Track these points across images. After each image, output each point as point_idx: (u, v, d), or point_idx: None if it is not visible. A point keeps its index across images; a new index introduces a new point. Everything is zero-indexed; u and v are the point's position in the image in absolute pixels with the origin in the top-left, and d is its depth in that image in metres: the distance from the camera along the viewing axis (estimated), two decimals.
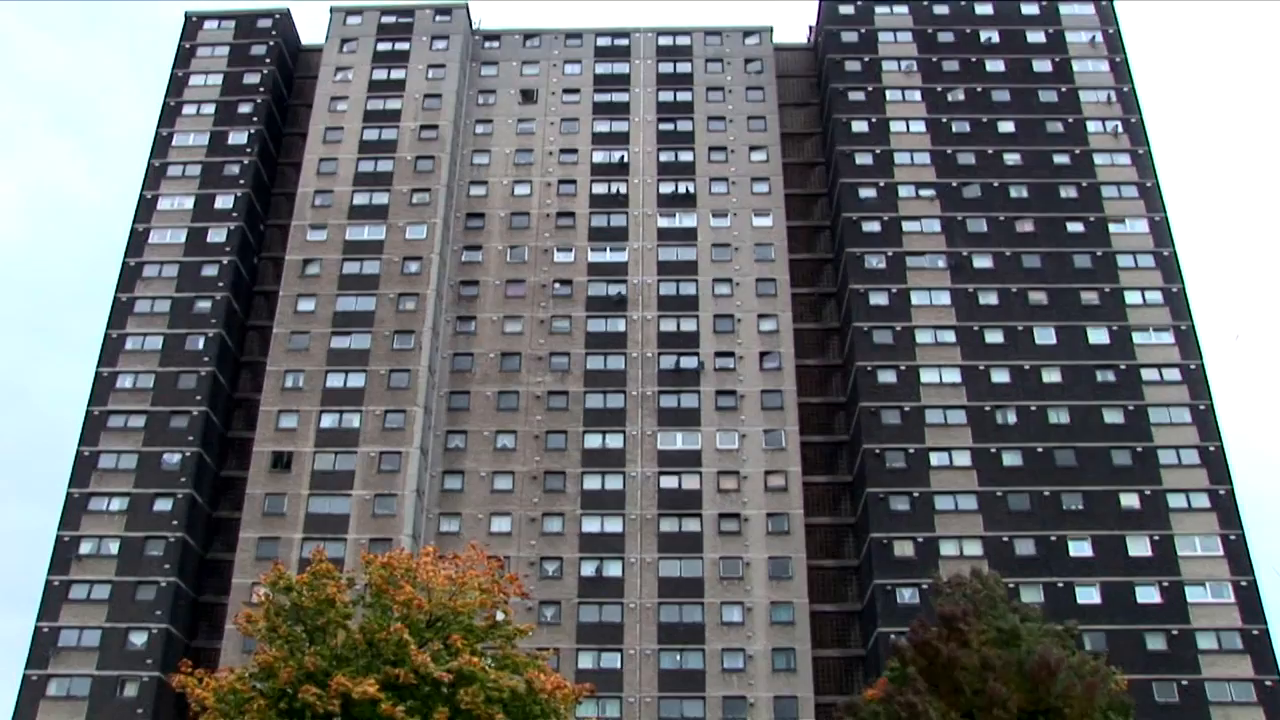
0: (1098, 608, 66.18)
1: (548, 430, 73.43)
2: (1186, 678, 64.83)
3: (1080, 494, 69.36)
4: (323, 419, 72.21)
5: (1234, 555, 67.83)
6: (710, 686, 66.40)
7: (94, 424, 73.45)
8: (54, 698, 66.27)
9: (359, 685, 32.73)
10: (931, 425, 71.31)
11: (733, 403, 73.91)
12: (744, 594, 68.64)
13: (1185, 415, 71.81)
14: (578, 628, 67.81)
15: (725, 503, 71.15)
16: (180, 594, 69.16)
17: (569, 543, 70.13)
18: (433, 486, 72.07)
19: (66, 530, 70.42)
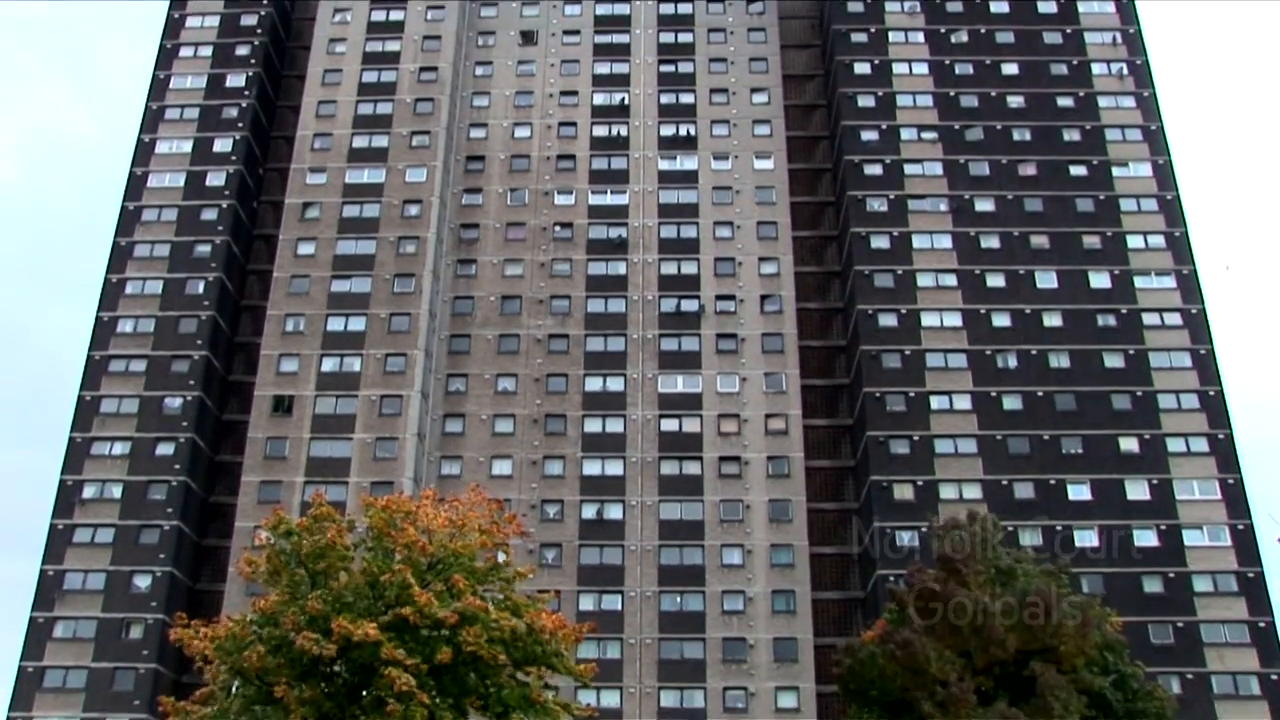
0: (1095, 551, 66.52)
1: (548, 373, 73.50)
2: (1182, 620, 65.36)
3: (1080, 438, 69.51)
4: (323, 362, 72.22)
5: (1232, 499, 68.11)
6: (710, 628, 66.91)
7: (95, 368, 73.52)
8: (60, 640, 66.91)
9: (360, 628, 32.86)
10: (932, 369, 71.34)
11: (733, 346, 73.91)
12: (744, 536, 69.00)
13: (1185, 360, 71.82)
14: (578, 570, 68.21)
15: (725, 446, 71.32)
16: (183, 537, 69.56)
17: (570, 485, 70.42)
18: (433, 430, 72.24)
19: (69, 474, 70.70)
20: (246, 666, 34.18)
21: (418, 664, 33.01)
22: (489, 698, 35.54)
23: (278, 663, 34.12)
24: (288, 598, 35.22)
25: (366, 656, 33.50)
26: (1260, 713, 63.42)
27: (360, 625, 32.99)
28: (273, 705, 34.49)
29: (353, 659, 34.02)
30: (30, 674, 66.25)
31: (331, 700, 34.54)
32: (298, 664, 34.23)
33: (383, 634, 33.14)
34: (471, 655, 34.17)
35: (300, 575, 36.10)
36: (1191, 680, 63.66)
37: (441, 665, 33.74)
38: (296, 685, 34.40)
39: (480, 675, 35.11)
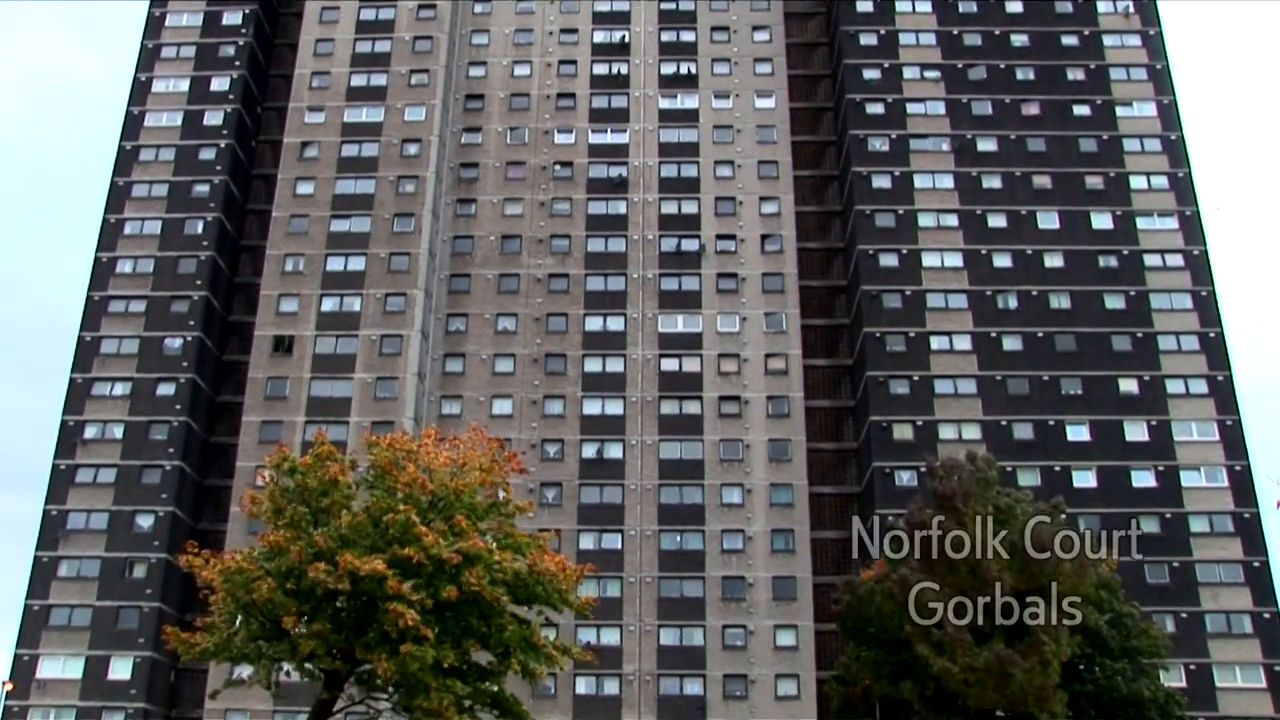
0: (1093, 491, 66.88)
1: (548, 313, 73.46)
2: (1178, 560, 65.79)
3: (1079, 379, 69.62)
4: (323, 302, 72.15)
5: (1230, 441, 68.35)
6: (710, 567, 67.38)
7: (95, 309, 73.46)
8: (64, 578, 67.43)
9: (367, 563, 33.06)
10: (932, 309, 71.29)
11: (734, 285, 73.80)
12: (744, 476, 69.30)
13: (1186, 301, 71.74)
14: (579, 509, 68.57)
15: (725, 385, 71.47)
16: (185, 477, 69.85)
17: (570, 425, 70.60)
18: (434, 369, 72.32)
19: (71, 415, 70.88)
20: (255, 600, 34.42)
21: (423, 599, 33.22)
22: (490, 638, 35.80)
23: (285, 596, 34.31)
24: (292, 534, 35.36)
25: (372, 591, 33.70)
26: (1252, 650, 64.14)
27: (367, 561, 33.18)
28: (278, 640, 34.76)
29: (359, 593, 34.24)
30: (36, 612, 66.85)
31: (338, 634, 34.83)
32: (307, 597, 34.46)
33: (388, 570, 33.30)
34: (474, 595, 34.36)
35: (303, 513, 36.23)
36: (1185, 619, 64.25)
37: (445, 603, 33.94)
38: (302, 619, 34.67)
39: (482, 616, 35.36)
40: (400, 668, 33.36)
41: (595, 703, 64.75)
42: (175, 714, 67.15)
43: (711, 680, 65.17)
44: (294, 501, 36.41)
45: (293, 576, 34.19)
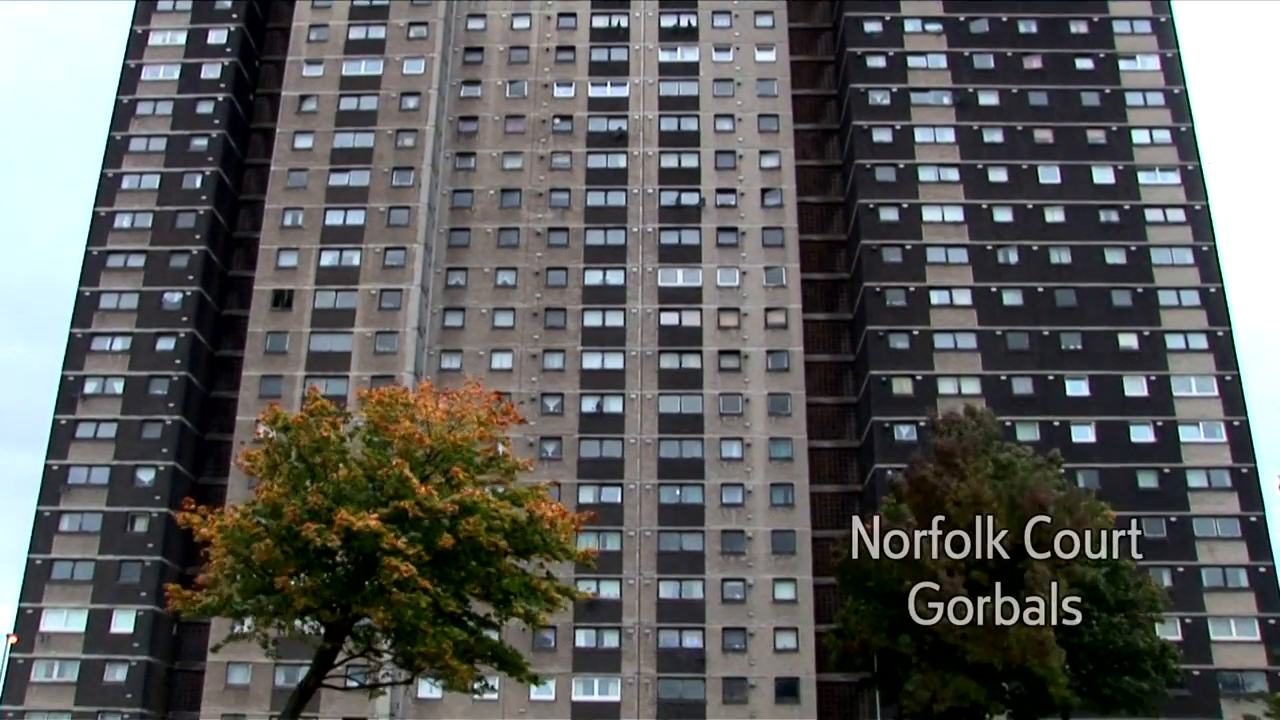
0: (1092, 446, 67.05)
1: (548, 267, 73.33)
2: (1175, 514, 66.05)
3: (1079, 334, 69.59)
4: (323, 257, 72.01)
5: (1229, 396, 68.44)
6: (709, 520, 67.65)
7: (93, 264, 73.35)
8: (66, 533, 67.76)
9: (361, 520, 33.05)
10: (933, 264, 71.16)
11: (734, 239, 73.64)
12: (743, 430, 69.43)
13: (1188, 256, 71.59)
14: (578, 463, 68.77)
15: (725, 339, 71.46)
16: (185, 432, 70.00)
17: (570, 379, 70.66)
18: (433, 323, 72.29)
19: (71, 370, 70.95)
20: (253, 558, 34.47)
21: (419, 552, 33.29)
22: (489, 585, 35.90)
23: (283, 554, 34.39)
24: (288, 490, 35.36)
25: (368, 547, 33.76)
26: (1248, 604, 64.56)
27: (361, 517, 33.16)
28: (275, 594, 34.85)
29: (355, 549, 34.31)
30: (38, 566, 67.20)
31: (332, 589, 34.91)
32: (302, 555, 34.53)
33: (383, 526, 33.30)
34: (471, 543, 34.39)
35: (299, 469, 36.20)
36: (1182, 573, 64.61)
37: (442, 553, 34.00)
38: (297, 576, 34.75)
39: (481, 563, 35.42)
40: (395, 616, 33.43)
41: (595, 655, 65.21)
42: (178, 666, 67.67)
43: (710, 633, 65.62)
44: (289, 458, 36.36)
45: (288, 535, 34.18)
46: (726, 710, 64.27)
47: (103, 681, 65.01)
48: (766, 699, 64.40)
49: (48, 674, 65.48)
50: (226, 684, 63.72)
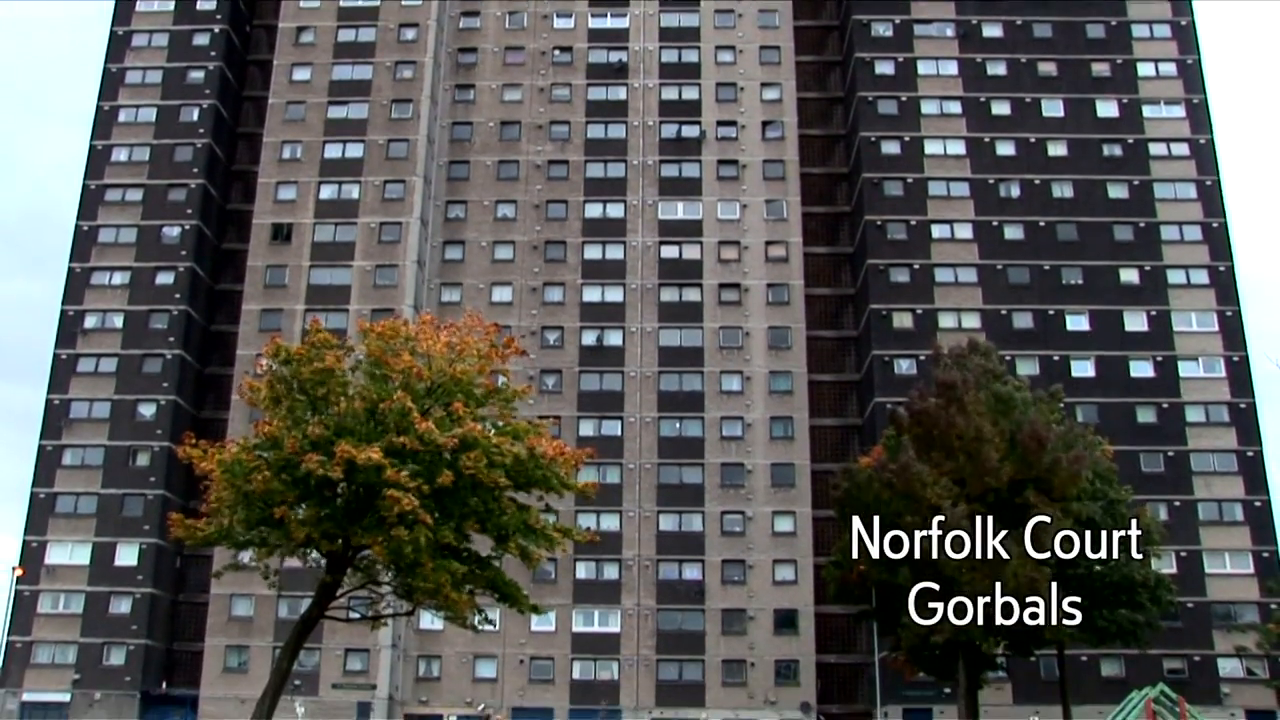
0: (1091, 381, 67.16)
1: (548, 199, 73.00)
2: (1173, 449, 66.30)
3: (1080, 269, 69.43)
4: (321, 190, 71.65)
5: (1229, 331, 68.45)
6: (709, 453, 67.92)
7: (91, 198, 73.01)
8: (69, 467, 68.07)
9: (363, 452, 33.06)
10: (934, 197, 70.83)
11: (734, 172, 73.24)
12: (743, 363, 69.49)
13: (1191, 191, 71.24)
14: (578, 396, 68.90)
15: (726, 273, 71.31)
16: (185, 366, 70.07)
17: (570, 312, 70.59)
18: (433, 257, 72.09)
19: (70, 305, 70.87)
20: (252, 490, 34.55)
21: (419, 486, 33.37)
22: (488, 520, 36.05)
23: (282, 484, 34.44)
24: (290, 423, 35.38)
25: (370, 479, 33.82)
26: (1242, 538, 65.05)
27: (363, 449, 33.19)
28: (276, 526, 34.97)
29: (356, 481, 34.39)
30: (42, 500, 67.56)
31: (332, 520, 35.04)
32: (302, 486, 34.61)
33: (385, 459, 33.33)
34: (472, 479, 34.48)
35: (301, 401, 36.19)
36: (1179, 507, 64.97)
37: (442, 488, 34.10)
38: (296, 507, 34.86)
39: (481, 498, 35.55)
40: (394, 549, 33.58)
41: (595, 587, 65.77)
42: (182, 599, 68.27)
43: (710, 565, 66.13)
44: (292, 390, 36.36)
45: (289, 467, 34.18)
46: (725, 642, 64.94)
47: (108, 613, 65.63)
48: (765, 630, 65.04)
49: (54, 606, 66.08)
50: (230, 615, 64.34)
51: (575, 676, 64.68)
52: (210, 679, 63.75)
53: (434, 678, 65.06)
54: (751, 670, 64.49)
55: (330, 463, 33.15)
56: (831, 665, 65.97)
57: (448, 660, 64.98)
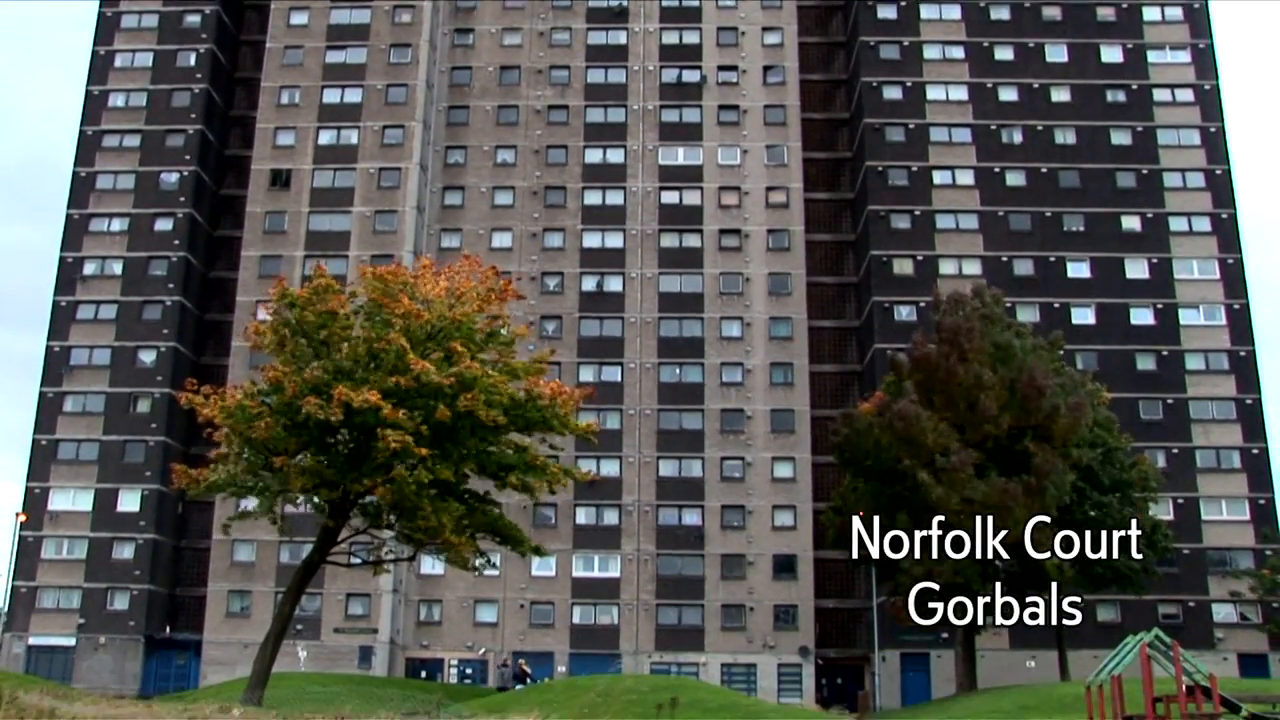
0: (1092, 328, 67.17)
1: (548, 145, 72.61)
2: (1172, 396, 66.44)
3: (1082, 215, 69.23)
4: (320, 135, 71.24)
5: (1230, 279, 68.38)
6: (709, 399, 68.06)
7: (88, 144, 72.62)
8: (70, 414, 68.21)
9: (360, 394, 33.07)
10: (935, 143, 70.47)
11: (735, 117, 72.80)
12: (743, 309, 69.46)
13: (1195, 137, 70.88)
14: (578, 342, 68.90)
15: (726, 218, 71.10)
16: (185, 312, 70.03)
17: (570, 258, 70.47)
18: (433, 202, 71.86)
19: (69, 251, 70.71)
20: (255, 437, 34.62)
21: (417, 425, 33.41)
22: (487, 459, 36.14)
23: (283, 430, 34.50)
24: (292, 367, 35.36)
25: (368, 422, 33.86)
26: (1240, 485, 65.34)
27: (360, 392, 33.17)
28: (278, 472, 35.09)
29: (355, 424, 34.42)
30: (44, 447, 67.77)
31: (331, 468, 35.12)
32: (303, 431, 34.65)
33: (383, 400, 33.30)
34: (470, 418, 34.48)
35: (303, 345, 36.19)
36: (1176, 454, 65.20)
37: (440, 427, 34.13)
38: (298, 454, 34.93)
39: (479, 438, 35.62)
40: (395, 491, 33.66)
41: (594, 532, 66.15)
42: (185, 544, 68.65)
43: (709, 511, 66.45)
44: (295, 334, 36.35)
45: (289, 411, 34.20)
46: (725, 586, 65.38)
47: (111, 559, 66.06)
48: (764, 575, 65.47)
49: (57, 552, 66.49)
50: (232, 561, 64.74)
51: (575, 621, 65.21)
52: (213, 623, 64.27)
53: (435, 622, 65.60)
54: (750, 615, 64.98)
55: (328, 406, 33.15)
56: (830, 610, 66.48)
57: (449, 605, 65.47)
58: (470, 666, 64.60)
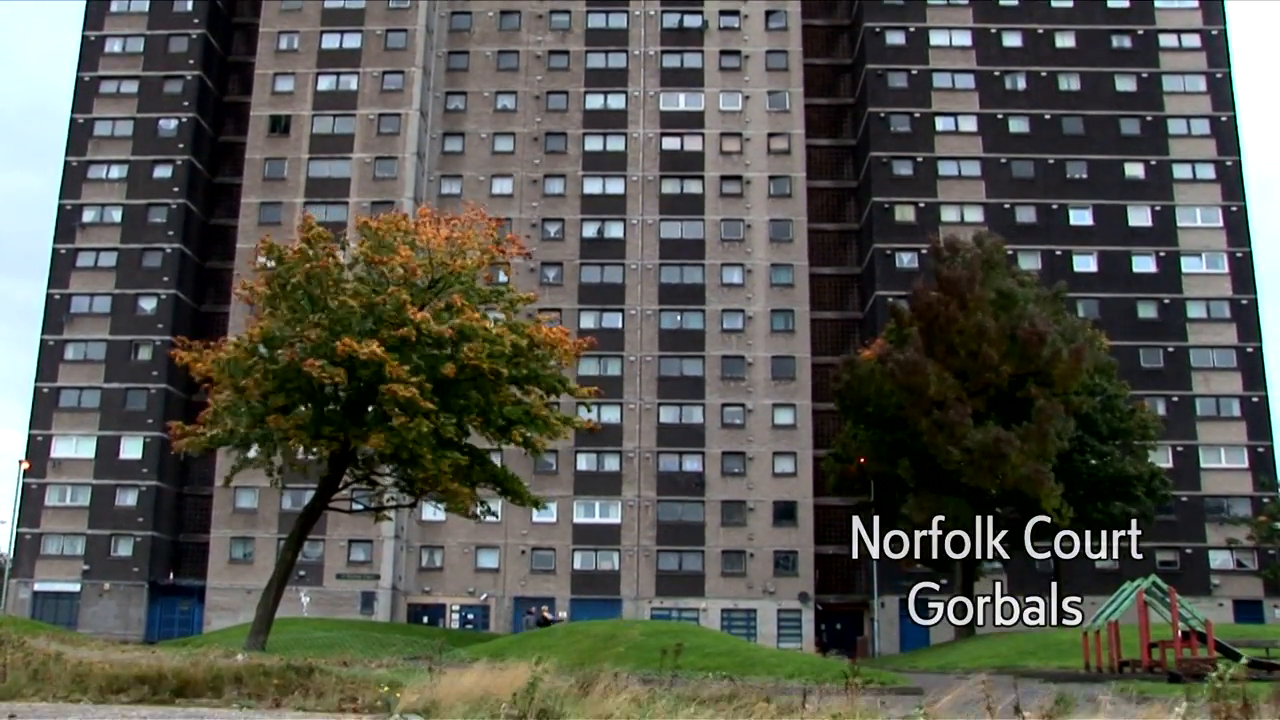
0: (1093, 275, 66.98)
1: (548, 90, 72.07)
2: (1173, 344, 66.38)
3: (1085, 162, 68.84)
4: (319, 81, 70.70)
5: (1234, 226, 68.11)
6: (709, 346, 68.02)
7: (85, 90, 72.14)
8: (72, 361, 68.27)
9: (365, 347, 32.92)
10: (939, 89, 69.95)
11: (736, 63, 72.20)
12: (744, 256, 69.27)
13: (1200, 84, 70.34)
14: (579, 288, 68.79)
15: (727, 164, 70.71)
16: (185, 260, 69.86)
17: (570, 204, 70.19)
18: (433, 149, 71.45)
19: (68, 199, 70.46)
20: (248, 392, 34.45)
21: (421, 380, 33.34)
22: (490, 412, 36.13)
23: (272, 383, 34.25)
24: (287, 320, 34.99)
25: (370, 376, 33.77)
26: (1239, 433, 65.44)
27: (365, 344, 33.02)
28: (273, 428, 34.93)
29: (358, 378, 34.34)
30: (46, 394, 67.89)
31: (331, 424, 35.06)
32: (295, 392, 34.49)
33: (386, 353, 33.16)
34: (473, 371, 34.45)
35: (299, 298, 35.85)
36: (1176, 402, 65.25)
37: (444, 381, 34.10)
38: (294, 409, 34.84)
39: (482, 391, 35.58)
40: (397, 439, 33.61)
41: (596, 479, 66.36)
42: (187, 491, 68.91)
43: (710, 457, 66.62)
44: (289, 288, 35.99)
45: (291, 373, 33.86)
46: (725, 532, 65.69)
47: (114, 506, 66.40)
48: (764, 522, 65.76)
49: (61, 499, 66.81)
50: (235, 508, 65.01)
51: (576, 567, 65.59)
52: (216, 570, 64.67)
53: (437, 568, 65.98)
54: (750, 561, 65.34)
55: (331, 365, 33.00)
56: (830, 556, 66.77)
57: (450, 551, 65.83)
58: (472, 612, 65.08)
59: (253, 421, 35.35)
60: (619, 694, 15.48)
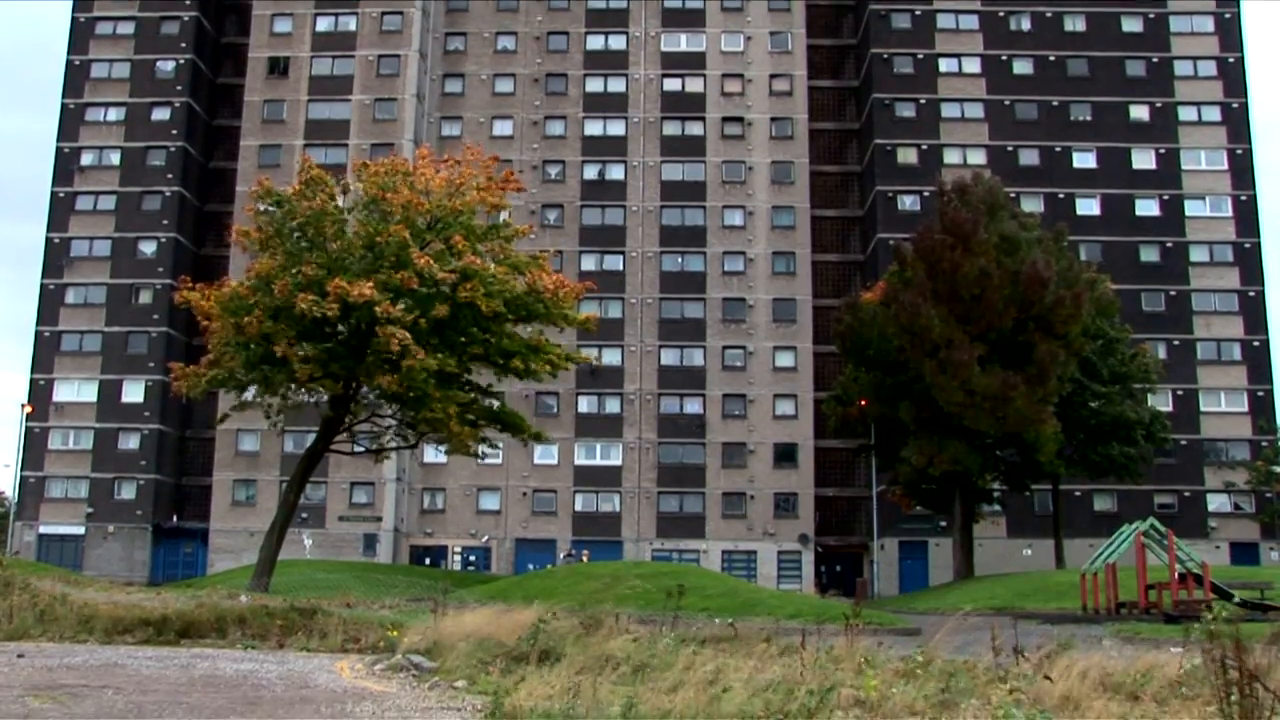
0: (1096, 219, 66.74)
1: (549, 31, 71.43)
2: (1175, 288, 66.28)
3: (1089, 105, 68.32)
4: (318, 22, 70.03)
5: (1238, 170, 67.78)
6: (710, 288, 67.94)
7: (81, 31, 71.49)
8: (72, 305, 68.18)
9: (356, 288, 32.83)
10: (942, 30, 69.30)
11: (738, 3, 71.47)
12: (746, 198, 68.99)
13: (1208, 24, 69.68)
14: (580, 230, 68.59)
15: (729, 106, 70.25)
16: (185, 203, 69.60)
17: (571, 146, 69.78)
18: (433, 90, 70.94)
19: (66, 142, 70.04)
20: (248, 329, 34.44)
21: (415, 319, 33.27)
22: (489, 348, 36.16)
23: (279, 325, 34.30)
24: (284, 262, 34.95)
25: (365, 316, 33.71)
26: (1239, 377, 65.52)
27: (356, 285, 32.90)
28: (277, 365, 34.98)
29: (354, 320, 34.33)
30: (47, 338, 67.88)
31: (336, 361, 35.08)
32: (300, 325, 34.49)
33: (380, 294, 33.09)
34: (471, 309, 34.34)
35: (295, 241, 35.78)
36: (1178, 346, 65.26)
37: (440, 321, 34.05)
38: (299, 344, 34.87)
39: (481, 328, 35.58)
40: (404, 380, 33.61)
41: (596, 420, 66.54)
42: (189, 434, 69.12)
43: (711, 400, 66.77)
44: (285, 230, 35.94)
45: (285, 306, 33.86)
46: (725, 474, 65.96)
47: (117, 449, 66.61)
48: (765, 464, 66.01)
49: (64, 442, 67.01)
50: (237, 450, 65.25)
51: (577, 509, 65.94)
52: (219, 512, 65.03)
53: (438, 510, 66.33)
54: (751, 503, 65.67)
55: (324, 302, 32.94)
56: (830, 498, 67.18)
57: (451, 493, 66.14)
58: (473, 553, 65.51)
59: (251, 362, 35.37)
60: (620, 635, 15.64)
